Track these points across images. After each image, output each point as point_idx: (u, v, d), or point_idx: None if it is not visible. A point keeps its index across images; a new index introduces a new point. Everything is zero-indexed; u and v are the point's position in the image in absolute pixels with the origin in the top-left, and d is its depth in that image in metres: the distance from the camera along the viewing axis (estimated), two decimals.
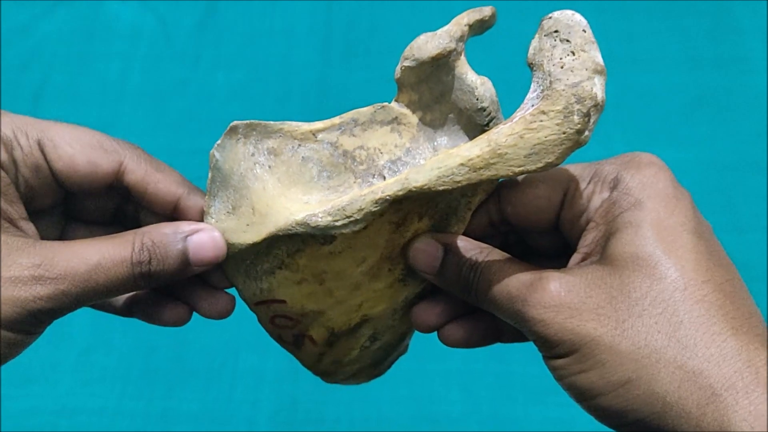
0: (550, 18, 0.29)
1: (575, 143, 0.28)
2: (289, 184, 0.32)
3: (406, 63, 0.32)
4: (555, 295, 0.29)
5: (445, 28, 0.31)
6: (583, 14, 0.29)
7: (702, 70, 0.88)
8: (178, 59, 0.90)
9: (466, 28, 0.32)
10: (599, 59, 0.28)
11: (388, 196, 0.30)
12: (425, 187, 0.29)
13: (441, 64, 0.32)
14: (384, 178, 0.32)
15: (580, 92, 0.28)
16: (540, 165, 0.28)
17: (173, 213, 0.33)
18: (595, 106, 0.28)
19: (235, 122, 0.32)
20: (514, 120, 0.28)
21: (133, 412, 0.71)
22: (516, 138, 0.28)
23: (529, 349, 0.33)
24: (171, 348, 0.73)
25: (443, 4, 0.96)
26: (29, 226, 0.31)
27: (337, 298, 0.33)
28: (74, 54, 0.89)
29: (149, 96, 0.87)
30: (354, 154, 0.32)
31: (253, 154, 0.32)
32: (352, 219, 0.30)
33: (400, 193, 0.29)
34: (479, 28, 0.32)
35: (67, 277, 0.29)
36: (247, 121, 0.32)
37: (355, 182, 0.32)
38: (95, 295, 0.29)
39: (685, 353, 0.27)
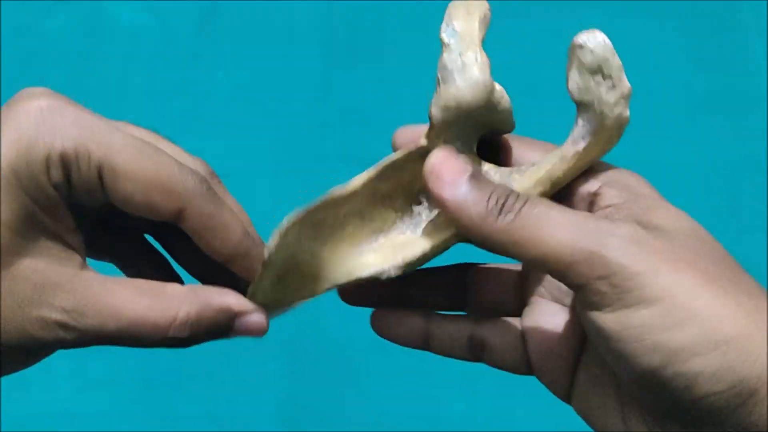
0: (589, 51, 0.29)
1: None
2: (337, 242, 0.31)
3: (447, 114, 0.30)
4: (641, 235, 0.26)
5: (479, 65, 0.29)
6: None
7: (705, 71, 0.88)
8: (179, 59, 0.90)
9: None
10: (628, 83, 0.29)
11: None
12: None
13: None
14: (421, 202, 0.32)
15: (621, 120, 0.30)
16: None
17: (227, 264, 0.30)
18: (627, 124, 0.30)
19: (285, 225, 0.30)
20: (567, 158, 0.30)
21: (132, 415, 0.71)
22: (573, 170, 0.30)
23: None
24: (170, 351, 0.73)
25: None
26: (76, 239, 0.29)
27: None
28: (74, 54, 0.89)
29: (150, 96, 0.87)
30: (390, 194, 0.32)
31: (298, 237, 0.31)
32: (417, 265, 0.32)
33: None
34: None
35: (93, 331, 0.27)
36: (296, 218, 0.30)
37: (396, 216, 0.32)
38: (112, 344, 0.28)
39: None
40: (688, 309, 0.25)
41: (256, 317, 0.30)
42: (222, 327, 0.29)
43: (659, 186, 0.31)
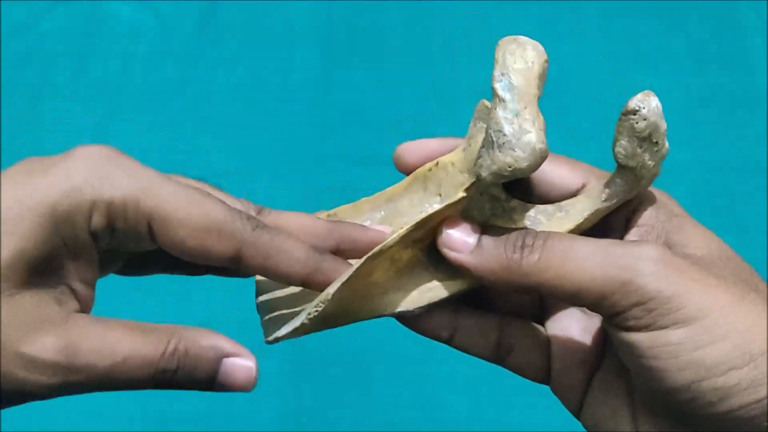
0: (643, 118, 0.28)
1: None
2: (366, 288, 0.31)
3: (498, 179, 0.28)
4: (673, 256, 0.27)
5: (538, 133, 0.28)
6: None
7: (705, 70, 0.88)
8: (179, 59, 0.90)
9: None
10: (667, 144, 0.29)
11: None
12: None
13: None
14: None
15: (654, 177, 0.30)
16: None
17: (306, 285, 0.31)
18: None
19: (325, 298, 0.30)
20: (600, 211, 0.30)
21: (130, 414, 0.71)
22: (599, 218, 0.31)
23: None
24: None
25: (445, 4, 0.96)
26: (86, 291, 0.29)
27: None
28: (74, 53, 0.89)
29: (149, 95, 0.87)
30: (422, 238, 0.32)
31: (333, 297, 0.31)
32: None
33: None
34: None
35: (83, 371, 0.27)
36: (337, 288, 0.30)
37: (423, 254, 0.32)
38: (101, 389, 0.28)
39: None
40: (722, 326, 0.26)
41: (245, 362, 0.29)
42: (209, 366, 0.29)
43: (659, 186, 0.32)
